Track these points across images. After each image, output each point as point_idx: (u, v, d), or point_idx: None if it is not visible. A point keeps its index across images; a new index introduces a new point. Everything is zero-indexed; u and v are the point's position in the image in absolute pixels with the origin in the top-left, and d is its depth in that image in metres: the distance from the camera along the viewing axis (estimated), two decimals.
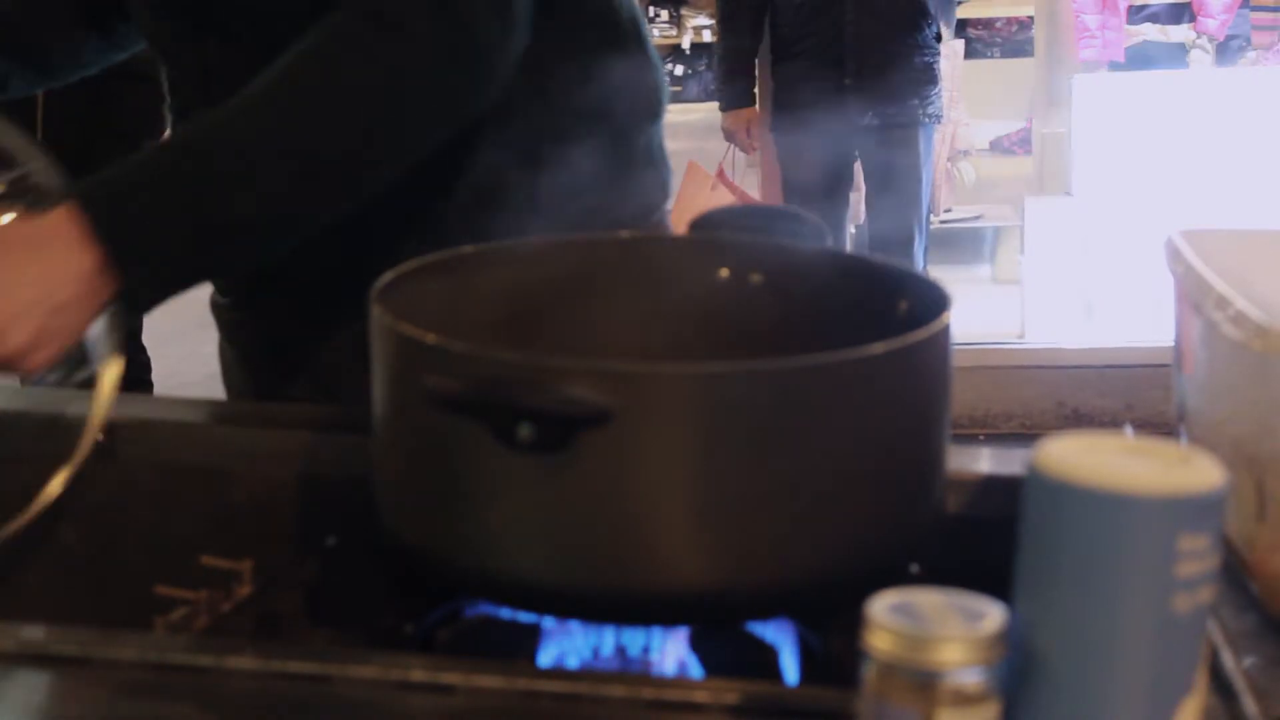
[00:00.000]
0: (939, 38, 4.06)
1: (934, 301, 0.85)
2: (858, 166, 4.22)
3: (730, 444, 0.75)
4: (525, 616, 0.86)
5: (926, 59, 3.98)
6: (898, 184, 4.03)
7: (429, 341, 0.78)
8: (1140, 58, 5.33)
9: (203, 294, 1.25)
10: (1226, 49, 5.69)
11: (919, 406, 0.81)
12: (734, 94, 4.10)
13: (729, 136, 4.20)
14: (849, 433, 0.78)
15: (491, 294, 0.95)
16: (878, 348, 0.77)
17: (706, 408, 0.75)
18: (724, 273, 0.99)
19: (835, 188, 4.07)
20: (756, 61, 4.12)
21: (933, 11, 3.96)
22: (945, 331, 0.82)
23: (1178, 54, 5.62)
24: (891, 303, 0.91)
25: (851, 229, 4.55)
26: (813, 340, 0.85)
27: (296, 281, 1.21)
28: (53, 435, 0.99)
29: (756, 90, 4.16)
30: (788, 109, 4.00)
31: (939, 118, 4.10)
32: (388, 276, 0.88)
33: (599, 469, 0.75)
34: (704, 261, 0.99)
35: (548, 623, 0.85)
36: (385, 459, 0.85)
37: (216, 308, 1.34)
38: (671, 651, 0.84)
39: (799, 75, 3.97)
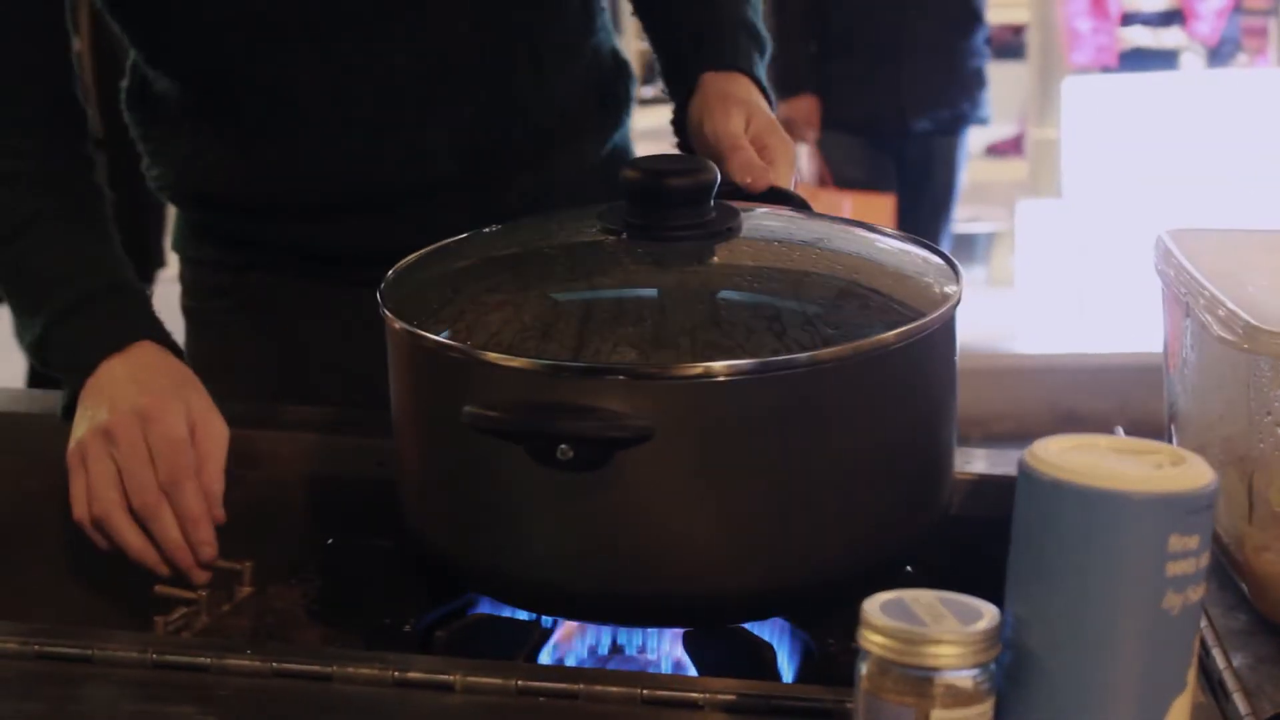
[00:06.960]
0: (989, 41, 4.06)
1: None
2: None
3: (756, 448, 0.76)
4: (523, 615, 0.86)
5: (977, 63, 3.99)
6: (934, 188, 4.02)
7: (456, 351, 0.78)
8: (1132, 62, 5.34)
9: None
10: (1218, 53, 5.69)
11: (932, 394, 0.82)
12: (792, 82, 4.02)
13: (788, 126, 4.12)
14: (868, 426, 0.78)
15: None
16: (894, 334, 0.78)
17: (744, 414, 0.75)
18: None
19: (873, 190, 4.04)
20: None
21: (983, 15, 3.96)
22: (955, 308, 0.82)
23: (1169, 59, 5.63)
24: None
25: None
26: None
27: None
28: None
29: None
30: (838, 108, 3.96)
31: (987, 120, 4.09)
32: (393, 273, 0.88)
33: (628, 482, 0.75)
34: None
35: (545, 622, 0.85)
36: (410, 464, 0.86)
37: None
38: (667, 650, 0.85)
39: (854, 75, 3.92)
